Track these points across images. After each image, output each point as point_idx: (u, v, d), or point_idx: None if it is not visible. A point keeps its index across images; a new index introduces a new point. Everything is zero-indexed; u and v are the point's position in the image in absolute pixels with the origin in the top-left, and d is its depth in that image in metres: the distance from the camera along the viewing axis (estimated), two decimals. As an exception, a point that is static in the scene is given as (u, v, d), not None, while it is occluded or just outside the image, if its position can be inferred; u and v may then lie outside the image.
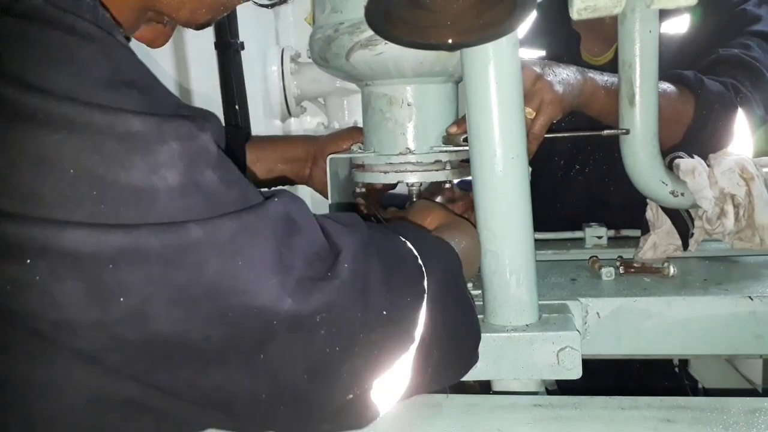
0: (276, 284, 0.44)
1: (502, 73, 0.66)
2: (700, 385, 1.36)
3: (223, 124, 1.25)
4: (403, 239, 0.59)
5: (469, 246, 0.71)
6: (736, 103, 1.04)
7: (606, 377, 0.95)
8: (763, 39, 1.14)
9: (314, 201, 0.97)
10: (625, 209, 0.97)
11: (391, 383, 0.54)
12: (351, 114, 1.83)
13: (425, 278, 0.57)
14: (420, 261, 0.58)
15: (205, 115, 0.47)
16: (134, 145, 0.40)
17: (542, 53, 1.36)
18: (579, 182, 1.35)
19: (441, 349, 0.58)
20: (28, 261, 0.38)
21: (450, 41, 0.54)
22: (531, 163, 1.45)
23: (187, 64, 1.30)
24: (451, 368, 0.63)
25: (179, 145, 0.42)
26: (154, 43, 0.61)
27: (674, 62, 1.11)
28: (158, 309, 0.41)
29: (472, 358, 0.66)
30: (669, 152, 0.92)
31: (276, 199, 0.48)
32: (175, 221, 0.41)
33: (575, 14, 0.71)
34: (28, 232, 0.38)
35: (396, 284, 0.53)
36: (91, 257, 0.38)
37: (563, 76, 0.87)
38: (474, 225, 0.73)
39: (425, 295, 0.56)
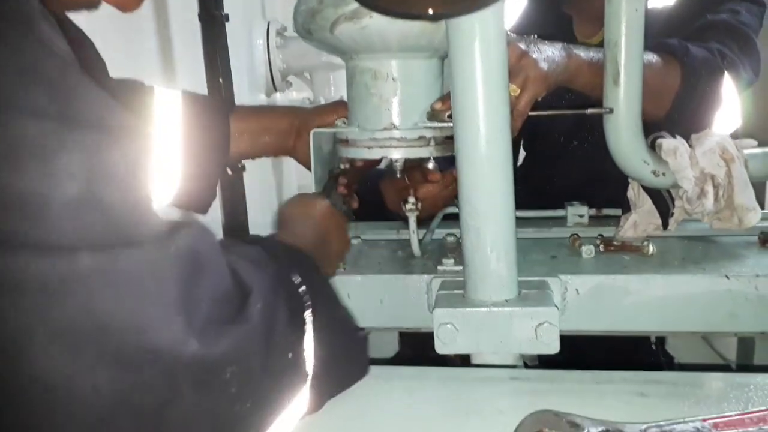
0: (180, 324, 0.39)
1: (488, 50, 0.66)
2: (676, 361, 1.38)
3: (210, 97, 1.23)
4: (290, 266, 0.56)
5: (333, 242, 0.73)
6: (723, 68, 1.04)
7: (584, 352, 0.96)
8: (751, 2, 1.15)
9: (299, 173, 0.97)
10: (623, 185, 0.97)
11: (287, 416, 0.50)
12: (337, 89, 1.81)
13: (309, 309, 0.54)
14: (302, 289, 0.54)
15: (131, 129, 0.41)
16: (31, 148, 0.35)
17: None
18: (578, 158, 1.36)
19: (330, 371, 0.55)
20: None
21: (431, 11, 0.53)
22: (531, 137, 1.47)
23: (170, 35, 1.28)
24: (345, 380, 0.61)
25: (82, 155, 0.37)
26: (126, 6, 0.55)
27: (663, 36, 1.11)
28: (37, 346, 0.35)
29: (363, 368, 0.63)
30: (659, 125, 0.93)
31: (184, 232, 0.42)
32: (63, 246, 0.36)
33: None
34: None
35: (297, 322, 0.51)
36: None
37: (548, 53, 0.86)
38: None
39: (309, 326, 0.53)
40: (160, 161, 0.44)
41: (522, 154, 1.54)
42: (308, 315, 0.53)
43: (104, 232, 0.38)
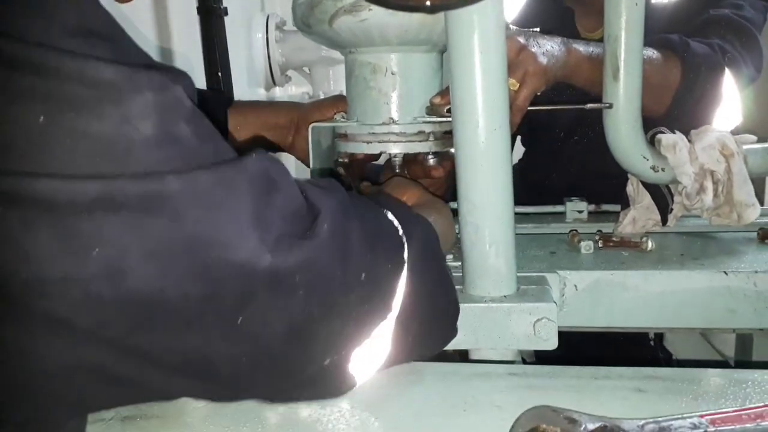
0: (256, 239, 0.43)
1: (487, 43, 0.65)
2: (674, 357, 1.39)
3: (208, 91, 1.22)
4: (384, 209, 0.59)
5: (444, 226, 0.71)
6: (724, 64, 1.04)
7: (582, 349, 0.96)
8: None
9: (298, 169, 0.96)
10: (622, 181, 0.97)
11: (369, 353, 0.54)
12: (336, 84, 1.81)
13: (405, 249, 0.56)
14: (400, 232, 0.57)
15: (176, 71, 0.45)
16: (106, 93, 0.38)
17: (536, 30, 1.36)
18: (576, 153, 1.36)
19: (420, 321, 0.58)
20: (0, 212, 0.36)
21: (429, 3, 0.53)
22: (531, 132, 1.46)
23: (169, 28, 1.27)
24: (430, 341, 0.63)
25: (153, 95, 0.40)
26: None
27: (666, 31, 1.10)
28: (135, 263, 0.39)
29: (451, 332, 0.66)
30: (659, 121, 0.92)
31: (254, 156, 0.46)
32: (153, 171, 0.39)
33: None
34: None
35: (376, 249, 0.53)
36: (65, 206, 0.37)
37: (547, 47, 0.86)
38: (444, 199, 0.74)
39: (405, 265, 0.55)
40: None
41: (520, 149, 1.54)
42: (405, 255, 0.56)
43: (184, 160, 0.41)
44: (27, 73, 0.36)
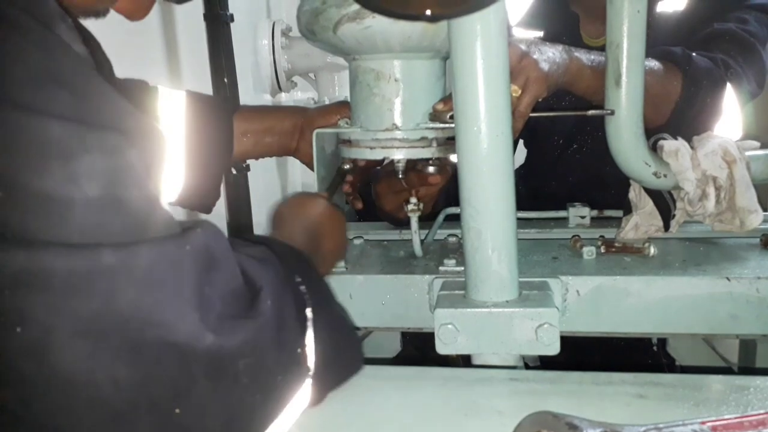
0: (196, 319, 0.40)
1: (489, 50, 0.66)
2: (677, 363, 1.38)
3: (213, 97, 1.23)
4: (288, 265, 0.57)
5: (336, 245, 0.75)
6: (726, 78, 1.04)
7: (585, 354, 0.96)
8: (761, 12, 1.14)
9: (304, 173, 0.97)
10: (622, 188, 0.97)
11: (288, 412, 0.51)
12: (342, 90, 1.81)
13: (308, 306, 0.55)
14: (303, 290, 0.55)
15: (146, 131, 0.43)
16: (52, 150, 0.37)
17: (540, 34, 1.36)
18: (577, 160, 1.36)
19: (332, 366, 0.57)
20: None
21: (429, 12, 0.54)
22: (531, 140, 1.47)
23: (175, 35, 1.28)
24: (344, 373, 0.61)
25: (103, 157, 0.38)
26: (134, 15, 0.57)
27: (672, 40, 1.10)
28: (60, 341, 0.36)
29: (358, 363, 0.64)
30: (657, 131, 0.93)
31: (198, 231, 0.44)
32: (86, 243, 0.37)
33: None
34: None
35: (301, 321, 0.52)
36: None
37: (549, 54, 0.87)
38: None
39: (310, 325, 0.54)
40: (165, 161, 0.46)
41: (521, 155, 1.54)
42: (309, 312, 0.54)
43: (124, 231, 0.39)
44: None
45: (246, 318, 0.45)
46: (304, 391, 0.52)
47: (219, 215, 1.26)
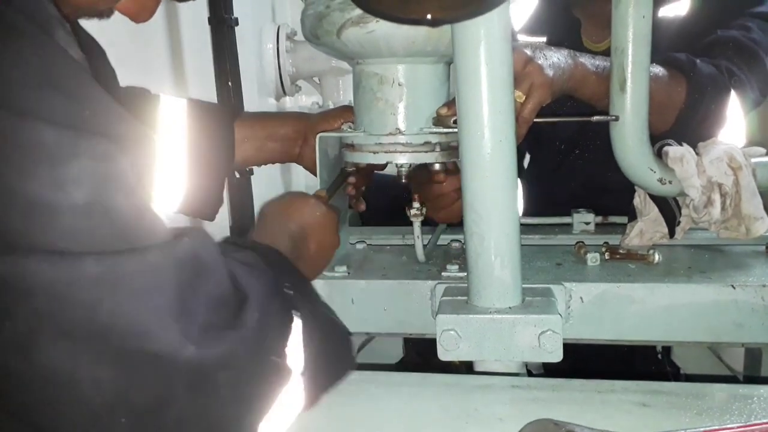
0: (177, 330, 0.41)
1: (493, 55, 0.66)
2: (682, 372, 1.37)
3: (216, 102, 1.24)
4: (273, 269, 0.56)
5: (325, 247, 0.75)
6: (730, 86, 1.03)
7: (590, 361, 0.95)
8: (764, 20, 1.14)
9: (308, 177, 0.97)
10: (623, 194, 0.97)
11: (279, 414, 0.51)
12: (346, 93, 1.82)
13: (294, 310, 0.54)
14: (291, 294, 0.55)
15: (140, 138, 0.43)
16: (41, 154, 0.37)
17: (543, 40, 1.36)
18: (580, 166, 1.36)
19: (323, 366, 0.56)
20: None
21: (430, 16, 0.53)
22: (535, 145, 1.46)
23: (180, 39, 1.28)
24: (340, 371, 0.61)
25: (92, 163, 0.38)
26: (138, 16, 0.57)
27: (673, 46, 1.10)
28: (44, 341, 0.37)
29: (349, 363, 0.64)
30: (661, 138, 0.92)
31: (186, 239, 0.44)
32: (70, 251, 0.37)
33: None
34: None
35: (285, 328, 0.52)
36: None
37: (554, 59, 0.86)
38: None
39: (293, 329, 0.53)
40: (165, 169, 0.46)
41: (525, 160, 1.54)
42: (295, 316, 0.53)
43: (110, 239, 0.39)
44: None
45: (229, 328, 0.45)
46: (293, 396, 0.52)
47: (222, 219, 1.26)
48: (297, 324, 0.53)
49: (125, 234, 0.40)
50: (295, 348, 0.52)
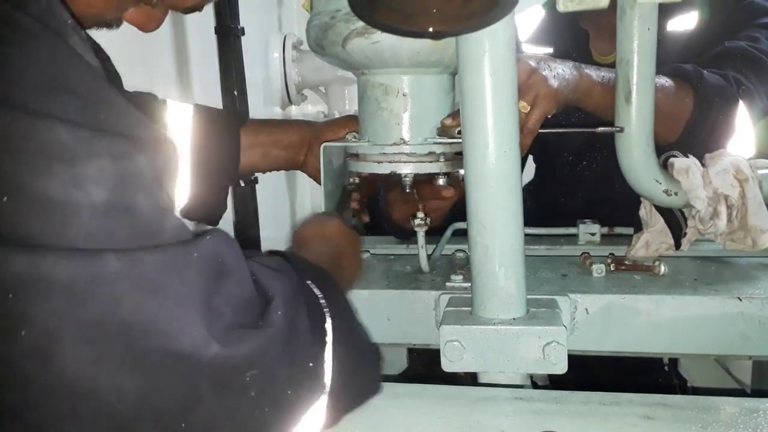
0: (202, 328, 0.39)
1: (497, 67, 0.66)
2: (689, 385, 1.36)
3: (221, 110, 1.24)
4: (307, 281, 0.56)
5: (353, 266, 0.74)
6: (738, 96, 1.03)
7: (596, 373, 0.95)
8: None
9: (312, 186, 0.97)
10: (632, 205, 0.96)
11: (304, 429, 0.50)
12: (352, 103, 1.82)
13: (328, 325, 0.53)
14: (324, 307, 0.54)
15: (157, 139, 0.43)
16: (58, 154, 0.36)
17: (549, 50, 1.36)
18: (587, 177, 1.35)
19: (350, 386, 0.55)
20: None
21: (431, 29, 0.53)
22: (541, 156, 1.46)
23: (186, 48, 1.29)
24: (365, 392, 0.60)
25: (111, 162, 0.38)
26: (146, 26, 0.58)
27: (681, 59, 1.10)
28: (64, 347, 0.36)
29: (376, 385, 0.62)
30: (670, 148, 0.92)
31: (208, 238, 0.43)
32: (91, 249, 0.37)
33: (561, 6, 0.70)
34: None
35: (317, 334, 0.51)
36: None
37: (558, 70, 0.86)
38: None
39: (329, 341, 0.52)
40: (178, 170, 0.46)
41: (530, 170, 1.54)
42: (329, 328, 0.52)
43: (129, 237, 0.39)
44: None
45: (255, 328, 0.44)
46: (319, 409, 0.50)
47: (226, 228, 1.26)
48: (329, 334, 0.52)
49: (145, 232, 0.40)
50: (327, 358, 0.51)
